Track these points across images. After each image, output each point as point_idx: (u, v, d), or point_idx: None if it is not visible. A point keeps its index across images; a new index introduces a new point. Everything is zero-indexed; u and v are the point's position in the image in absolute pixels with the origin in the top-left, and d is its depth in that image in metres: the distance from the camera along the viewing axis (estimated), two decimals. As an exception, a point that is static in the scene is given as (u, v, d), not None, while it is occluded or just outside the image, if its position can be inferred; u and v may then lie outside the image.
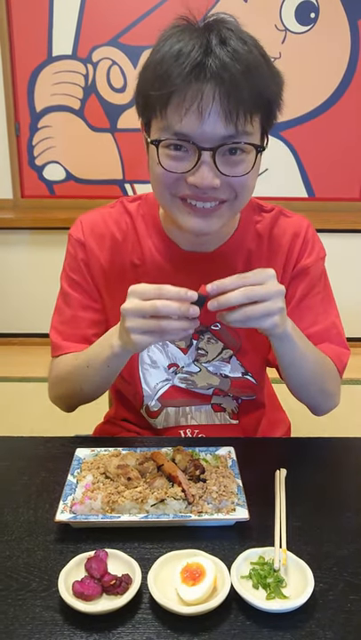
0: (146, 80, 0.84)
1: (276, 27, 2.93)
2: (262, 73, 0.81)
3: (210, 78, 0.78)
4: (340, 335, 1.08)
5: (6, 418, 2.47)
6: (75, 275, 1.06)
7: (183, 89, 0.78)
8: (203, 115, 0.79)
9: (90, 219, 1.06)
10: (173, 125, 0.81)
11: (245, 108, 0.80)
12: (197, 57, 0.78)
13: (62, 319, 1.09)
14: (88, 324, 1.07)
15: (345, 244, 3.12)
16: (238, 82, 0.78)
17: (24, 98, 3.03)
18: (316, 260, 1.05)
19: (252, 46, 0.81)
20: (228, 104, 0.78)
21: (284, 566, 0.71)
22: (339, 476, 0.93)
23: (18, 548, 0.76)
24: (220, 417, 1.13)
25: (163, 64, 0.80)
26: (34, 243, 3.15)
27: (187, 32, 0.81)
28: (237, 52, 0.79)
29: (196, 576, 0.67)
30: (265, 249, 1.03)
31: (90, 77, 3.00)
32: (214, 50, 0.78)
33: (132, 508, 0.79)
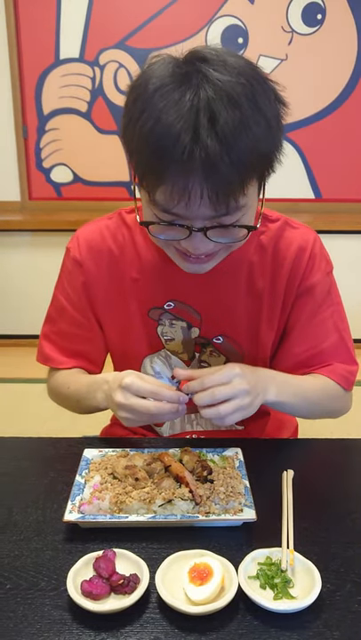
0: (130, 144, 0.80)
1: (283, 28, 2.93)
2: (253, 136, 0.74)
3: (198, 170, 0.73)
4: (348, 351, 1.06)
5: (15, 419, 2.49)
6: (72, 294, 1.06)
7: (170, 179, 0.74)
8: (192, 204, 0.76)
9: (87, 234, 1.04)
10: (162, 205, 0.79)
11: (236, 190, 0.76)
12: (185, 148, 0.71)
13: (55, 330, 1.10)
14: (81, 341, 1.08)
15: (352, 246, 3.11)
16: (226, 169, 0.73)
17: (31, 101, 3.05)
18: (323, 277, 1.02)
19: (243, 101, 0.73)
20: (217, 194, 0.75)
21: (291, 567, 0.71)
22: (346, 477, 0.93)
23: (27, 548, 0.76)
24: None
25: (148, 147, 0.75)
26: (41, 245, 3.17)
27: (172, 95, 0.73)
28: (225, 127, 0.71)
29: (204, 576, 0.68)
30: (268, 262, 1.00)
31: (97, 80, 3.01)
32: (202, 134, 0.71)
33: (139, 508, 0.80)
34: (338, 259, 1.08)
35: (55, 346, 1.10)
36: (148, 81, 0.76)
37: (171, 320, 1.04)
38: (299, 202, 3.14)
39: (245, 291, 1.02)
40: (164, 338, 1.06)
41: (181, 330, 1.05)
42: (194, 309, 1.03)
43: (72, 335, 1.08)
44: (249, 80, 0.75)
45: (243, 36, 2.93)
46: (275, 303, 1.02)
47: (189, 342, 1.06)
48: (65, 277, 1.07)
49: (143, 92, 0.76)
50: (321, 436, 1.05)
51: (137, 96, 0.78)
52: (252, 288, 1.01)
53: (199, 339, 1.06)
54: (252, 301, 1.02)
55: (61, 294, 1.08)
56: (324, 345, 1.04)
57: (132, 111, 0.78)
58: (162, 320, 1.04)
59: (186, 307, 1.03)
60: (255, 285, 1.01)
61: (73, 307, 1.06)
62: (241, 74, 0.75)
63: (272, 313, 1.03)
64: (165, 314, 1.04)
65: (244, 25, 2.92)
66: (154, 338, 1.06)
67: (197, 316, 1.03)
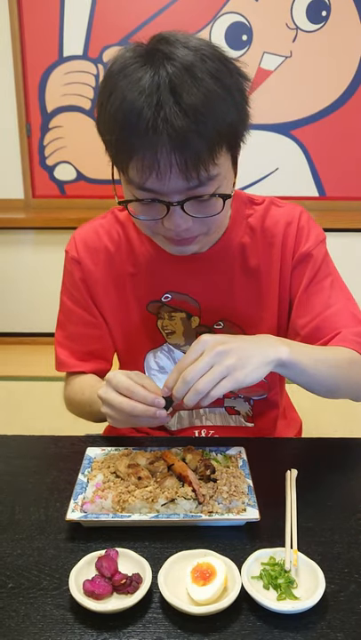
0: (100, 126, 0.84)
1: (288, 25, 2.91)
2: (219, 109, 0.77)
3: (164, 141, 0.75)
4: (354, 316, 1.02)
5: (17, 417, 2.49)
6: (75, 292, 1.07)
7: (139, 152, 0.77)
8: (163, 175, 0.78)
9: (83, 234, 1.06)
10: (137, 182, 0.81)
11: (206, 160, 0.78)
12: (149, 119, 0.74)
13: (66, 334, 1.10)
14: (93, 340, 1.09)
15: (356, 244, 3.10)
16: (193, 140, 0.75)
17: (35, 98, 3.05)
18: (315, 244, 1.02)
19: (206, 76, 0.76)
20: (185, 163, 0.77)
21: (295, 567, 0.71)
22: (350, 476, 0.92)
23: (29, 547, 0.76)
24: (235, 419, 1.13)
25: (116, 125, 0.78)
26: (45, 242, 3.17)
27: (135, 73, 0.77)
28: (189, 99, 0.74)
29: (207, 576, 0.67)
30: (259, 242, 1.02)
31: (100, 77, 3.00)
32: (164, 106, 0.74)
33: (142, 507, 0.79)
34: (343, 257, 1.08)
35: (69, 350, 1.10)
36: (113, 64, 0.80)
37: (170, 312, 1.05)
38: (303, 200, 3.13)
39: (240, 272, 1.03)
40: (164, 332, 1.06)
41: (181, 321, 1.05)
42: (192, 298, 1.03)
43: (83, 336, 1.08)
44: (209, 56, 0.78)
45: (247, 34, 2.92)
46: (271, 280, 1.03)
47: (190, 333, 1.06)
48: (67, 279, 1.08)
49: (109, 75, 0.80)
50: (325, 435, 1.04)
51: (104, 83, 0.81)
52: (246, 269, 1.02)
53: (200, 327, 1.06)
54: (248, 282, 1.03)
55: (66, 297, 1.09)
56: (327, 313, 1.01)
57: (101, 99, 0.82)
58: (161, 314, 1.05)
59: (183, 296, 1.03)
60: (249, 265, 1.02)
61: (79, 306, 1.07)
62: (201, 51, 0.78)
63: (271, 290, 1.03)
64: (164, 306, 1.05)
65: (249, 22, 2.91)
66: (155, 332, 1.07)
67: (196, 305, 1.04)
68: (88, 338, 1.08)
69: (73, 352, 1.10)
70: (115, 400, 0.83)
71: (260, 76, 2.95)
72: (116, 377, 0.85)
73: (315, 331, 1.00)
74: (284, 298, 1.05)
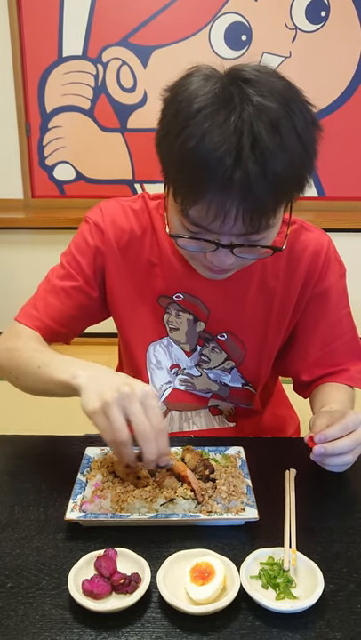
0: (167, 156, 0.80)
1: (287, 25, 2.91)
2: (296, 168, 0.76)
3: (236, 193, 0.74)
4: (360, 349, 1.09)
5: (16, 417, 2.49)
6: (81, 257, 1.03)
7: (207, 200, 0.75)
8: (226, 224, 0.77)
9: (112, 209, 1.04)
10: (195, 221, 0.80)
11: (269, 213, 0.78)
12: (226, 171, 0.72)
13: (48, 288, 1.04)
14: (74, 305, 1.03)
15: (355, 244, 3.10)
16: (264, 194, 0.74)
17: (34, 98, 3.05)
18: (336, 280, 1.04)
19: (288, 135, 0.74)
20: (251, 215, 0.76)
21: (293, 567, 0.71)
22: (349, 475, 0.92)
23: (28, 547, 0.76)
24: (218, 420, 1.14)
25: (188, 167, 0.75)
26: (44, 242, 3.16)
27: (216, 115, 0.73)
28: (267, 155, 0.72)
29: (206, 575, 0.67)
30: (283, 264, 1.02)
31: (100, 77, 3.00)
32: (243, 158, 0.72)
33: (141, 507, 0.79)
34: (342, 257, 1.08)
35: (42, 303, 1.04)
36: (192, 99, 0.75)
37: (178, 311, 1.05)
38: (302, 200, 3.12)
39: (256, 291, 1.02)
40: (169, 326, 1.06)
41: (187, 322, 1.05)
42: (203, 304, 1.03)
43: (67, 296, 1.03)
44: (289, 104, 0.76)
45: (246, 34, 2.92)
46: (287, 304, 1.04)
47: (193, 335, 1.06)
48: (79, 243, 1.03)
49: (186, 108, 0.75)
50: (324, 434, 1.04)
51: (178, 111, 0.77)
52: (263, 288, 1.02)
53: (203, 333, 1.06)
54: (263, 301, 1.03)
55: (67, 260, 1.04)
56: (336, 344, 1.06)
57: (172, 125, 0.77)
58: (169, 309, 1.05)
59: (195, 300, 1.03)
60: (267, 286, 1.02)
61: (77, 272, 1.02)
62: (282, 97, 0.76)
63: (283, 314, 1.04)
64: (173, 304, 1.04)
65: (248, 22, 2.91)
66: (159, 324, 1.06)
67: (205, 311, 1.04)
68: (70, 299, 1.03)
69: (46, 305, 1.03)
70: (117, 420, 0.75)
71: (260, 77, 2.95)
72: (148, 398, 0.76)
73: (321, 359, 1.06)
74: (292, 324, 1.07)
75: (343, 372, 1.06)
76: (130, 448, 0.77)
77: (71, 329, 1.07)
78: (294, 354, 1.09)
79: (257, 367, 1.08)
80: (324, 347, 1.06)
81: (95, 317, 1.10)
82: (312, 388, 1.08)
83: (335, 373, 1.06)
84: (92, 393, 0.78)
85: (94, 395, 0.77)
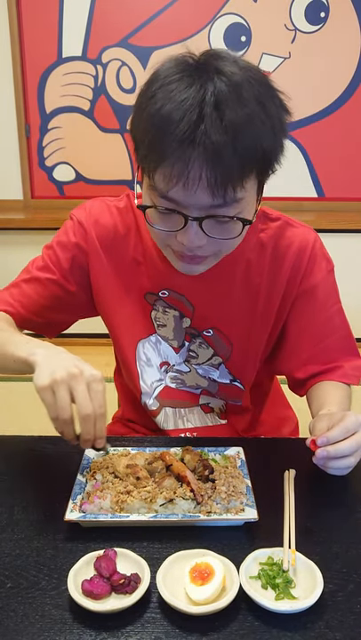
0: (136, 129, 0.82)
1: (286, 26, 2.92)
2: (258, 132, 0.76)
3: (198, 152, 0.74)
4: (353, 346, 1.09)
5: (17, 417, 2.49)
6: (60, 252, 1.04)
7: (171, 159, 0.75)
8: (190, 187, 0.77)
9: (96, 208, 1.05)
10: (161, 189, 0.80)
11: (235, 180, 0.77)
12: (187, 128, 0.73)
13: (25, 277, 1.08)
14: (47, 296, 1.05)
15: (354, 244, 3.11)
16: (228, 156, 0.74)
17: (34, 99, 3.05)
18: (324, 276, 1.04)
19: (251, 98, 0.75)
20: (215, 178, 0.75)
21: (293, 567, 0.71)
22: (349, 476, 0.92)
23: (28, 547, 0.76)
24: (210, 418, 1.14)
25: (153, 127, 0.76)
26: (44, 243, 3.16)
27: (182, 82, 0.76)
28: (231, 116, 0.74)
29: (205, 576, 0.67)
30: (267, 260, 1.01)
31: (99, 78, 3.01)
32: (206, 118, 0.73)
33: (140, 507, 0.79)
34: (340, 257, 1.09)
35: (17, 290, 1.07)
36: (160, 73, 0.79)
37: (164, 307, 1.05)
38: (301, 200, 3.14)
39: (241, 287, 1.02)
40: (156, 323, 1.07)
41: (173, 318, 1.06)
42: (188, 300, 1.04)
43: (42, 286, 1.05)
44: (258, 81, 0.78)
45: (246, 35, 2.93)
46: (271, 301, 1.03)
47: (180, 332, 1.07)
48: (60, 238, 1.05)
49: (154, 81, 0.79)
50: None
51: (147, 87, 0.80)
52: (248, 285, 1.02)
53: (190, 329, 1.06)
54: (248, 298, 1.03)
55: (47, 254, 1.06)
56: (328, 340, 1.06)
57: (142, 100, 0.80)
58: (156, 305, 1.06)
59: (180, 297, 1.03)
60: (251, 282, 1.02)
61: (55, 266, 1.04)
62: (252, 75, 0.78)
63: (268, 310, 1.04)
64: (159, 300, 1.05)
65: (247, 23, 2.91)
66: (148, 321, 1.07)
67: (190, 307, 1.04)
68: (44, 289, 1.05)
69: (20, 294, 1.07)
70: (62, 399, 0.79)
71: (259, 77, 2.96)
72: (100, 380, 0.81)
73: (314, 356, 1.06)
74: (280, 320, 1.06)
75: (337, 370, 1.06)
76: (71, 426, 0.81)
77: (46, 319, 1.08)
78: (286, 352, 1.08)
79: (244, 363, 1.08)
80: (317, 344, 1.06)
81: (76, 312, 1.11)
82: (307, 386, 1.08)
83: (329, 371, 1.06)
84: (44, 370, 0.81)
85: (46, 372, 0.81)
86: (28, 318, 1.07)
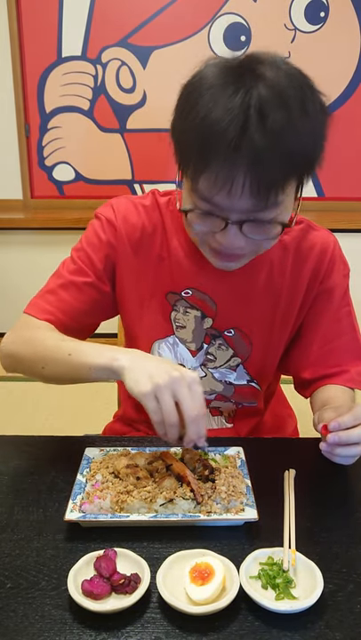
0: (179, 135, 0.82)
1: (286, 26, 2.92)
2: (300, 137, 0.77)
3: (243, 160, 0.75)
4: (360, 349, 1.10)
5: (16, 417, 2.49)
6: (93, 253, 1.03)
7: (216, 167, 0.77)
8: (233, 193, 0.78)
9: (123, 206, 1.04)
10: (205, 194, 0.81)
11: (277, 186, 0.78)
12: (233, 136, 0.74)
13: (60, 282, 1.04)
14: (86, 300, 1.04)
15: (355, 244, 3.10)
16: (272, 162, 0.75)
17: (34, 99, 3.05)
18: (341, 279, 1.06)
19: (293, 103, 0.76)
20: (259, 185, 0.77)
21: (293, 567, 0.71)
22: (348, 476, 0.93)
23: (27, 547, 0.76)
24: (217, 421, 1.14)
25: (198, 134, 0.77)
26: (44, 243, 3.17)
27: (226, 89, 0.76)
28: (274, 121, 0.74)
29: (205, 576, 0.67)
30: (290, 261, 1.03)
31: (99, 78, 3.00)
32: (250, 125, 0.74)
33: (140, 507, 0.79)
34: (340, 257, 1.09)
35: (55, 297, 1.04)
36: (203, 79, 0.79)
37: (185, 308, 1.05)
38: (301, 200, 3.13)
39: (264, 287, 1.03)
40: (175, 324, 1.06)
41: (194, 319, 1.05)
42: (211, 299, 1.04)
43: (79, 291, 1.03)
44: (301, 85, 0.79)
45: (245, 34, 2.92)
46: (293, 302, 1.05)
47: (200, 333, 1.06)
48: (90, 238, 1.04)
49: (197, 88, 0.79)
50: (323, 435, 1.04)
51: (190, 92, 0.80)
52: (270, 285, 1.03)
53: (211, 330, 1.06)
54: (270, 298, 1.04)
55: (78, 255, 1.04)
56: (337, 342, 1.07)
57: (184, 105, 0.81)
58: (176, 306, 1.05)
59: (204, 296, 1.03)
60: (274, 283, 1.03)
61: (88, 267, 1.03)
62: (293, 79, 0.78)
63: (289, 311, 1.05)
64: (181, 300, 1.05)
65: (247, 23, 2.91)
66: (166, 322, 1.07)
67: (213, 307, 1.04)
68: (82, 294, 1.03)
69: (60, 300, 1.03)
70: (168, 403, 0.79)
71: (259, 77, 2.96)
72: (194, 383, 0.81)
73: (322, 357, 1.07)
74: (299, 320, 1.08)
75: (343, 374, 1.06)
76: (177, 429, 0.80)
77: (82, 324, 1.06)
78: (297, 351, 1.09)
79: (262, 363, 1.09)
80: (325, 345, 1.07)
81: (106, 313, 1.10)
82: (313, 388, 1.08)
83: (335, 375, 1.06)
84: (141, 375, 0.80)
85: (144, 377, 0.80)
86: (69, 325, 1.03)
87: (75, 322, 1.04)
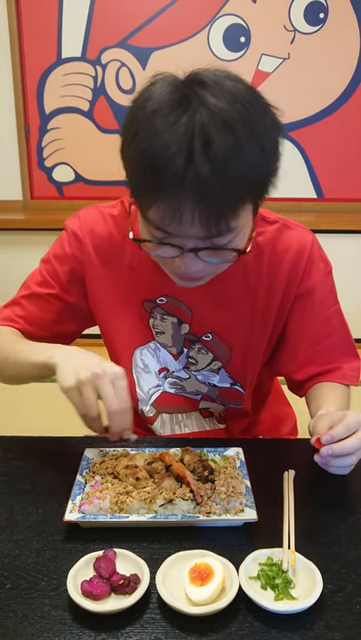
0: (125, 162, 0.80)
1: (285, 27, 2.92)
2: (248, 161, 0.73)
3: (189, 194, 0.72)
4: (352, 346, 1.09)
5: (16, 418, 2.49)
6: (58, 265, 1.04)
7: (162, 200, 0.75)
8: (184, 225, 0.76)
9: (90, 218, 1.04)
10: (156, 224, 0.79)
11: (228, 215, 0.76)
12: (177, 172, 0.71)
13: (26, 293, 1.08)
14: (51, 310, 1.06)
15: (354, 245, 3.11)
16: (218, 192, 0.72)
17: (34, 100, 3.05)
18: (322, 278, 1.03)
19: (238, 125, 0.72)
20: (208, 217, 0.75)
21: (292, 567, 0.71)
22: (348, 476, 0.92)
23: (27, 548, 0.76)
24: (209, 422, 1.14)
25: (142, 167, 0.75)
26: (43, 244, 3.15)
27: (168, 117, 0.72)
28: (218, 150, 0.71)
29: (205, 576, 0.67)
30: (265, 263, 1.01)
31: (99, 79, 3.01)
32: (193, 156, 0.71)
33: (140, 508, 0.79)
34: (340, 258, 1.09)
35: (21, 309, 1.08)
36: (146, 103, 0.75)
37: (162, 315, 1.05)
38: (301, 201, 3.13)
39: (239, 291, 1.02)
40: (154, 330, 1.07)
41: (172, 325, 1.05)
42: (186, 306, 1.03)
43: (45, 305, 1.06)
44: (245, 106, 0.74)
45: (245, 35, 2.93)
46: (270, 304, 1.03)
47: (179, 338, 1.07)
48: (57, 250, 1.05)
49: (140, 113, 0.76)
50: (323, 435, 1.04)
51: (133, 116, 0.77)
52: (246, 289, 1.02)
53: (188, 335, 1.06)
54: (246, 302, 1.03)
55: (45, 267, 1.06)
56: (327, 342, 1.06)
57: (128, 131, 0.78)
58: (153, 313, 1.05)
59: (178, 303, 1.03)
60: (250, 286, 1.02)
61: (54, 279, 1.04)
62: (238, 100, 0.74)
63: (267, 314, 1.04)
64: (157, 308, 1.05)
65: (247, 24, 2.91)
66: (145, 329, 1.07)
67: (189, 313, 1.04)
68: (50, 306, 1.06)
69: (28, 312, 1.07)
70: (89, 398, 0.83)
71: (258, 78, 2.95)
72: (117, 379, 0.84)
73: (313, 357, 1.06)
74: (279, 323, 1.06)
75: (336, 370, 1.06)
76: (99, 422, 0.86)
77: (53, 332, 1.08)
78: (285, 354, 1.08)
79: (244, 366, 1.08)
80: (314, 345, 1.05)
81: (80, 322, 1.11)
82: (306, 387, 1.08)
83: (328, 372, 1.06)
84: (68, 371, 0.85)
85: (70, 373, 0.85)
86: (36, 333, 1.06)
87: (44, 330, 1.07)
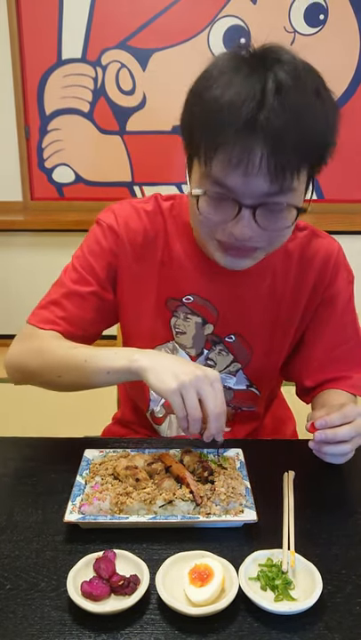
0: (193, 118, 0.81)
1: (285, 28, 2.92)
2: (317, 122, 0.77)
3: (260, 136, 0.74)
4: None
5: (16, 419, 2.49)
6: (94, 261, 1.02)
7: (232, 144, 0.75)
8: (249, 172, 0.76)
9: (125, 212, 1.03)
10: (217, 176, 0.79)
11: (293, 167, 0.77)
12: (249, 112, 0.73)
13: (63, 291, 1.02)
14: (90, 309, 1.02)
15: (354, 246, 3.11)
16: (288, 142, 0.74)
17: (34, 101, 3.05)
18: (344, 286, 1.05)
19: (310, 89, 0.77)
20: (275, 164, 0.76)
21: (292, 568, 0.71)
22: (347, 478, 0.93)
23: (27, 549, 0.76)
24: None
25: (212, 113, 0.76)
26: (43, 245, 3.17)
27: (241, 71, 0.76)
28: (292, 103, 0.74)
29: (204, 577, 0.67)
30: (293, 268, 1.02)
31: (99, 80, 3.01)
32: (267, 102, 0.73)
33: (140, 509, 0.80)
34: (340, 259, 1.09)
35: (61, 309, 1.02)
36: (216, 67, 0.79)
37: (186, 314, 1.04)
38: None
39: (266, 294, 1.03)
40: (175, 330, 1.06)
41: (195, 325, 1.05)
42: (212, 305, 1.03)
43: (84, 301, 1.02)
44: (316, 79, 0.79)
45: (245, 37, 2.93)
46: (295, 309, 1.04)
47: (201, 339, 1.06)
48: (88, 247, 1.02)
49: (210, 75, 0.79)
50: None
51: (202, 79, 0.80)
52: (273, 292, 1.03)
53: (211, 336, 1.06)
54: (272, 305, 1.03)
55: (78, 263, 1.02)
56: (340, 349, 1.06)
57: (196, 92, 0.80)
58: (177, 312, 1.05)
59: (205, 302, 1.03)
60: (276, 290, 1.03)
61: (90, 274, 1.01)
62: (310, 71, 0.79)
63: (291, 319, 1.05)
64: (182, 307, 1.04)
65: (247, 25, 2.92)
66: (165, 328, 1.06)
67: (215, 313, 1.04)
68: (87, 303, 1.02)
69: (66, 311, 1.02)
70: (193, 400, 0.81)
71: (259, 79, 2.96)
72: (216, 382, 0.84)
73: (325, 364, 1.07)
74: (302, 328, 1.07)
75: (346, 380, 1.06)
76: (200, 424, 0.83)
77: (87, 332, 1.05)
78: (300, 358, 1.09)
79: (263, 369, 1.08)
80: (328, 352, 1.06)
81: (109, 320, 1.09)
82: (315, 393, 1.08)
83: (337, 380, 1.06)
84: (166, 374, 0.83)
85: (169, 376, 0.83)
86: (74, 333, 1.02)
87: (80, 330, 1.03)
